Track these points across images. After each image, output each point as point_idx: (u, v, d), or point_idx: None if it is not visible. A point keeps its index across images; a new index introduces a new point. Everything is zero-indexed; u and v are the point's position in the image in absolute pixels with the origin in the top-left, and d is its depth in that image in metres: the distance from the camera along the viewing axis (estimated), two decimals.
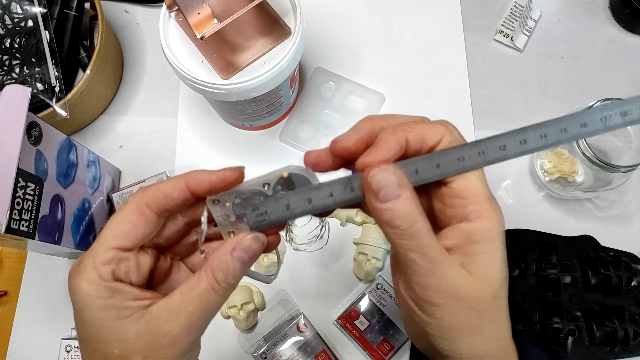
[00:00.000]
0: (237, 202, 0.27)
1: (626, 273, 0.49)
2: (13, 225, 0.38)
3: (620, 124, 0.25)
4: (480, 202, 0.26)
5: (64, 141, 0.47)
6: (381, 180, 0.24)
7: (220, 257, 0.26)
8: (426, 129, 0.26)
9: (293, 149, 0.60)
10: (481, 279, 0.25)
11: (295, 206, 0.26)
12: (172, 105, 0.62)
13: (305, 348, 0.51)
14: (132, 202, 0.26)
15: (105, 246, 0.25)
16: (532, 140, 0.26)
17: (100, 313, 0.25)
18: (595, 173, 0.53)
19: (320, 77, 0.62)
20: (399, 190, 0.24)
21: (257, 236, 0.27)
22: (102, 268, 0.25)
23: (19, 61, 0.54)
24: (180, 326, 0.25)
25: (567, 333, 0.47)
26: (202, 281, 0.25)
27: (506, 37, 0.64)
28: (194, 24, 0.43)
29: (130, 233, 0.26)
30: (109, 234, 0.26)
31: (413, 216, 0.24)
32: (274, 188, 0.26)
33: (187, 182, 0.26)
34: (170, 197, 0.26)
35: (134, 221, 0.26)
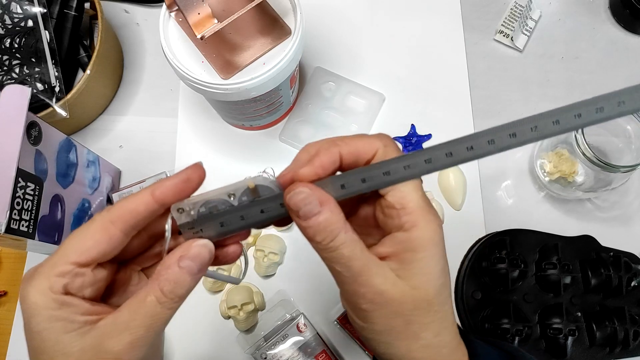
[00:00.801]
0: (203, 211, 0.26)
1: (627, 273, 0.49)
2: (13, 225, 0.38)
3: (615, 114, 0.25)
4: (413, 212, 0.26)
5: (63, 141, 0.47)
6: (300, 200, 0.25)
7: (167, 268, 0.25)
8: (360, 143, 0.27)
9: (293, 149, 0.60)
10: (412, 285, 0.26)
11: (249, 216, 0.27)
12: (172, 105, 0.62)
13: (305, 348, 0.51)
14: (97, 219, 0.26)
15: (63, 259, 0.25)
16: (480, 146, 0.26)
17: (47, 324, 0.24)
18: (595, 173, 0.53)
19: (320, 77, 0.62)
20: (318, 208, 0.25)
21: (204, 243, 0.26)
22: (55, 280, 0.24)
23: (19, 61, 0.54)
24: (123, 342, 0.24)
25: (568, 334, 0.47)
26: (148, 295, 0.25)
27: (506, 37, 0.64)
28: (194, 24, 0.43)
29: (91, 250, 0.25)
30: (69, 248, 0.25)
31: (332, 231, 0.25)
32: (239, 198, 0.26)
33: (153, 192, 0.26)
34: (136, 212, 0.26)
35: (97, 238, 0.25)
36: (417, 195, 0.26)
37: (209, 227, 0.27)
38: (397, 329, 0.26)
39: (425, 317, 0.26)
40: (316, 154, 0.26)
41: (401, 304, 0.26)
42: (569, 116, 0.25)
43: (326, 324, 0.54)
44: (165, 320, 0.25)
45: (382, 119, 0.61)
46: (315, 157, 0.26)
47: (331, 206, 0.25)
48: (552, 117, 0.25)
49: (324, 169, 0.26)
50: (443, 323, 0.27)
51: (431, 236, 0.26)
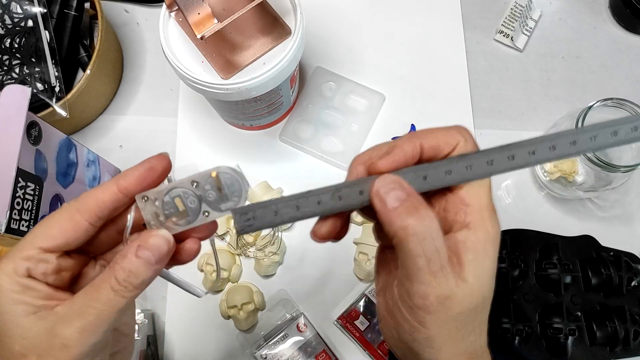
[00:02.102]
0: (167, 200, 0.26)
1: (627, 273, 0.49)
2: (13, 225, 0.38)
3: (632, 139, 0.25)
4: (481, 212, 0.26)
5: (63, 141, 0.47)
6: (386, 185, 0.25)
7: (124, 257, 0.25)
8: (441, 135, 0.26)
9: (293, 148, 0.60)
10: (470, 287, 0.25)
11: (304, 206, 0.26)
12: (172, 105, 0.62)
13: (305, 348, 0.51)
14: (65, 208, 0.26)
15: (29, 243, 0.25)
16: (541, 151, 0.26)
17: (9, 306, 0.25)
18: (595, 173, 0.53)
19: (321, 77, 0.62)
20: (404, 195, 0.25)
21: (162, 235, 0.26)
22: (19, 263, 0.25)
23: (19, 61, 0.54)
24: (73, 328, 0.24)
25: (568, 333, 0.47)
26: (103, 282, 0.25)
27: (506, 37, 0.64)
28: (194, 24, 0.43)
29: (57, 237, 0.25)
30: (37, 234, 0.26)
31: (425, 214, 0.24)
32: (203, 187, 0.26)
33: (117, 181, 0.26)
34: (101, 201, 0.26)
35: (63, 226, 0.26)
36: (488, 196, 0.26)
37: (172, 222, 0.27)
38: (450, 334, 0.25)
39: (474, 320, 0.26)
40: (396, 144, 0.26)
41: (461, 304, 0.25)
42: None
43: (326, 323, 0.54)
44: (118, 308, 0.25)
45: (383, 118, 0.61)
46: (396, 147, 0.26)
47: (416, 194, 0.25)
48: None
49: (405, 159, 0.26)
50: (484, 326, 0.27)
51: (492, 239, 0.26)
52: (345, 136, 0.60)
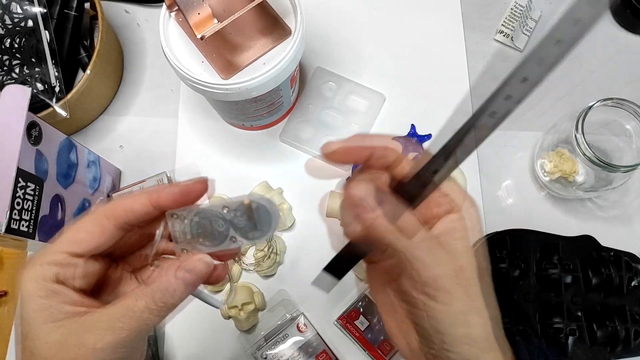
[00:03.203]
0: (196, 220, 0.27)
1: (627, 273, 0.49)
2: (13, 225, 0.38)
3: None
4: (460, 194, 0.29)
5: (64, 141, 0.47)
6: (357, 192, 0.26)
7: (163, 276, 0.25)
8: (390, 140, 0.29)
9: (293, 149, 0.60)
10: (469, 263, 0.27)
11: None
12: (172, 106, 0.62)
13: (305, 348, 0.51)
14: (92, 212, 0.26)
15: (57, 248, 0.25)
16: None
17: (35, 311, 0.25)
18: (596, 173, 0.53)
19: (321, 77, 0.62)
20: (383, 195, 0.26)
21: (205, 259, 0.26)
22: (47, 268, 0.25)
23: (19, 61, 0.54)
24: (105, 341, 0.24)
25: (568, 333, 0.47)
26: (139, 299, 0.25)
27: (506, 37, 0.64)
28: (194, 24, 0.43)
29: (84, 241, 0.26)
30: (64, 238, 0.26)
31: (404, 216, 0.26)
32: (233, 212, 0.26)
33: (150, 195, 0.26)
34: (130, 210, 0.26)
35: (90, 230, 0.26)
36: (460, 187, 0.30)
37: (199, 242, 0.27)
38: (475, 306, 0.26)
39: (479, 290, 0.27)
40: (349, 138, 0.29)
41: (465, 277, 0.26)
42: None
43: (327, 324, 0.54)
44: (151, 326, 0.26)
45: (383, 118, 0.61)
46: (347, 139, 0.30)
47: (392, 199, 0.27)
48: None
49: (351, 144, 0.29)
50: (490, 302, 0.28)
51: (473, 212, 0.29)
52: (346, 136, 0.59)
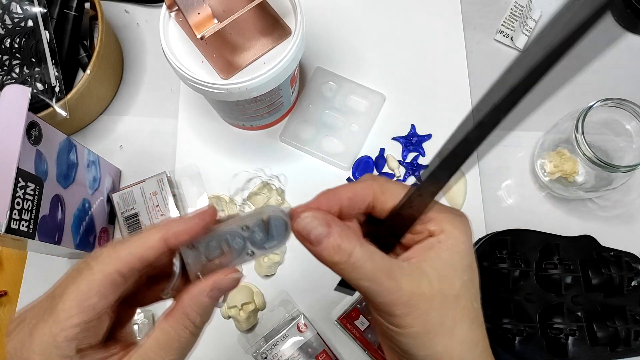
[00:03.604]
0: (213, 244, 0.26)
1: (628, 273, 0.49)
2: (13, 225, 0.38)
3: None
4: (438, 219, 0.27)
5: (64, 141, 0.47)
6: (306, 224, 0.25)
7: (196, 300, 0.25)
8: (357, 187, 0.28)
9: (294, 149, 0.60)
10: (439, 277, 0.26)
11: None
12: (172, 106, 0.62)
13: (305, 348, 0.51)
14: (101, 270, 0.24)
15: (69, 322, 0.23)
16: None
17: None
18: (596, 173, 0.53)
19: (321, 77, 0.62)
20: (326, 228, 0.25)
21: (236, 277, 0.26)
22: (66, 345, 0.23)
23: (19, 61, 0.54)
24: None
25: (569, 333, 0.47)
26: (179, 327, 0.25)
27: (506, 37, 0.64)
28: (194, 24, 0.43)
29: (98, 305, 0.24)
30: (73, 306, 0.23)
31: (346, 248, 0.25)
32: (251, 230, 0.27)
33: (166, 239, 0.25)
34: (145, 260, 0.24)
35: (104, 292, 0.24)
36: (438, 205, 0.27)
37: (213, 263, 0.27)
38: (433, 328, 0.26)
39: (455, 311, 0.26)
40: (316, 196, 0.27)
41: (431, 299, 0.25)
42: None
43: (327, 324, 0.54)
44: (193, 345, 0.26)
45: (383, 119, 0.61)
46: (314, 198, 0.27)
47: (339, 224, 0.26)
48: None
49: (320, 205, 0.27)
50: (474, 320, 0.27)
51: (457, 235, 0.27)
52: (346, 136, 0.59)
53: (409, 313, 0.25)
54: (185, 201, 0.57)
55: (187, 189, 0.57)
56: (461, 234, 0.27)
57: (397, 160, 0.59)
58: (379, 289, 0.25)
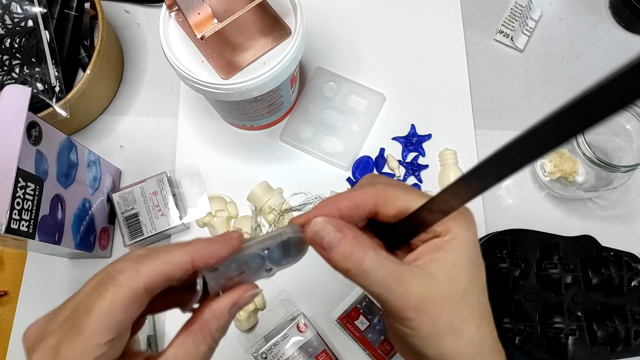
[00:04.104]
0: (233, 266, 0.27)
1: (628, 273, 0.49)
2: (13, 225, 0.38)
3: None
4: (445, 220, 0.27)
5: (64, 141, 0.47)
6: (318, 230, 0.26)
7: (217, 316, 0.26)
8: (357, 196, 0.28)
9: (293, 149, 0.60)
10: (446, 277, 0.26)
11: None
12: (172, 106, 0.62)
13: (305, 348, 0.51)
14: (128, 285, 0.23)
15: (97, 340, 0.23)
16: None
17: None
18: (596, 173, 0.53)
19: (321, 77, 0.62)
20: (338, 234, 0.26)
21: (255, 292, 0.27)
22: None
23: (19, 61, 0.54)
24: None
25: (569, 333, 0.47)
26: (199, 343, 0.25)
27: (506, 37, 0.64)
28: (194, 24, 0.43)
29: (124, 321, 0.23)
30: (101, 324, 0.23)
31: (359, 255, 0.25)
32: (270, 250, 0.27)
33: (194, 261, 0.25)
34: (171, 278, 0.24)
35: (130, 308, 0.23)
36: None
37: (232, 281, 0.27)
38: (442, 329, 0.26)
39: (464, 310, 0.26)
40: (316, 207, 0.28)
41: (441, 300, 0.26)
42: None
43: (327, 324, 0.54)
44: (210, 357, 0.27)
45: (383, 118, 0.61)
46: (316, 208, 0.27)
47: (352, 230, 0.26)
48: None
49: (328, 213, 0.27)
50: (483, 316, 0.27)
51: (462, 232, 0.27)
52: (346, 136, 0.60)
53: (420, 316, 0.26)
54: (185, 201, 0.57)
55: (187, 189, 0.57)
56: (466, 231, 0.27)
57: (397, 160, 0.59)
58: (390, 296, 0.26)
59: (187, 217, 0.55)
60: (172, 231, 0.54)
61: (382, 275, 0.25)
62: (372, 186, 0.28)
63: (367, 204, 0.28)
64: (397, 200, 0.27)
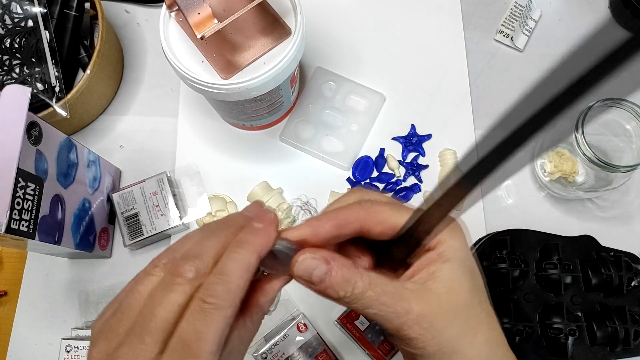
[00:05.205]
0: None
1: (627, 273, 0.49)
2: (13, 225, 0.38)
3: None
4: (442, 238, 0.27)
5: (64, 141, 0.47)
6: (306, 266, 0.26)
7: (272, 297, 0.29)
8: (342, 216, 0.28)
9: (293, 149, 0.60)
10: (446, 290, 0.26)
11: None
12: (172, 105, 0.62)
13: (305, 348, 0.51)
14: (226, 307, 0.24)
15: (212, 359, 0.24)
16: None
17: None
18: (596, 173, 0.53)
19: (321, 77, 0.62)
20: (325, 266, 0.25)
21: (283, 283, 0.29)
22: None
23: (19, 61, 0.54)
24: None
25: (568, 333, 0.47)
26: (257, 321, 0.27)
27: (506, 37, 0.64)
28: (194, 24, 0.43)
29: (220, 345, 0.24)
30: (212, 347, 0.23)
31: (349, 281, 0.25)
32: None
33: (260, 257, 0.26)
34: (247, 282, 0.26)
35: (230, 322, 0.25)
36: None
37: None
38: (449, 345, 0.26)
39: (470, 321, 0.26)
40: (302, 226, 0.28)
41: (444, 316, 0.26)
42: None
43: (327, 324, 0.54)
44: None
45: (383, 118, 0.61)
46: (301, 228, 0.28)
47: (338, 259, 0.26)
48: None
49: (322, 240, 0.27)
50: (489, 324, 0.27)
51: (454, 243, 0.27)
52: (346, 136, 0.60)
53: (423, 335, 0.25)
54: (185, 201, 0.57)
55: (187, 189, 0.57)
56: (458, 241, 0.27)
57: (397, 160, 0.59)
58: (387, 315, 0.25)
59: (187, 217, 0.55)
60: (172, 231, 0.54)
61: (376, 295, 0.25)
62: (358, 205, 0.28)
63: (354, 225, 0.28)
64: (384, 219, 0.27)
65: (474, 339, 0.26)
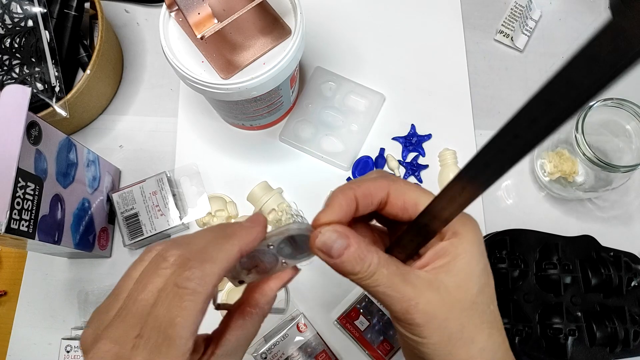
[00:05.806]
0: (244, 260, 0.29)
1: (627, 273, 0.49)
2: (13, 225, 0.38)
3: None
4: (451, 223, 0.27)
5: (63, 141, 0.47)
6: (326, 239, 0.26)
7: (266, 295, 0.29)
8: (371, 184, 0.28)
9: (293, 148, 0.60)
10: (456, 284, 0.26)
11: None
12: (172, 105, 0.62)
13: (305, 348, 0.51)
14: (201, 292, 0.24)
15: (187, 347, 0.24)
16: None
17: None
18: (595, 173, 0.53)
19: (321, 77, 0.62)
20: (345, 241, 0.26)
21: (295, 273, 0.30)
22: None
23: (19, 61, 0.54)
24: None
25: (568, 333, 0.47)
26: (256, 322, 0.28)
27: (506, 37, 0.64)
28: (194, 24, 0.43)
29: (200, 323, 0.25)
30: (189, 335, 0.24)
31: (366, 257, 0.26)
32: (277, 247, 0.29)
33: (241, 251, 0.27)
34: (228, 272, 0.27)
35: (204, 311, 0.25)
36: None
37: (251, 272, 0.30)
38: (454, 336, 0.26)
39: (475, 318, 0.26)
40: (332, 197, 0.28)
41: (450, 308, 0.26)
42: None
43: (326, 324, 0.54)
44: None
45: (383, 118, 0.61)
46: (331, 203, 0.28)
47: (356, 236, 0.27)
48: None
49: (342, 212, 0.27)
50: (493, 324, 0.27)
51: (471, 238, 0.27)
52: (345, 136, 0.60)
53: (428, 322, 0.26)
54: (185, 201, 0.57)
55: (187, 189, 0.57)
56: (474, 235, 0.27)
57: (397, 160, 0.59)
58: (396, 296, 0.26)
59: (186, 217, 0.55)
60: (171, 231, 0.54)
61: (387, 274, 0.26)
62: (384, 178, 0.29)
63: (380, 194, 0.28)
64: (406, 194, 0.28)
65: (476, 337, 0.26)
